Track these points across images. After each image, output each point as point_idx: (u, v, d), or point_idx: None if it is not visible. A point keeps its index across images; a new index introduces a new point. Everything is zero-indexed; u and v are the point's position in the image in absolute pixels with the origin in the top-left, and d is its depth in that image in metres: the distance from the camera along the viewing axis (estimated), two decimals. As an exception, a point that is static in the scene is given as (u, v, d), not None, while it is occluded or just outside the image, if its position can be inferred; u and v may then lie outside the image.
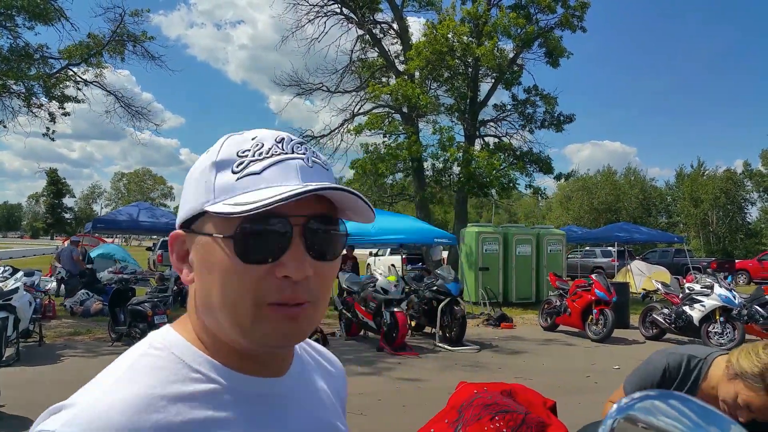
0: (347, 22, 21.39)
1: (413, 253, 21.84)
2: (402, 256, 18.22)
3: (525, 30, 18.01)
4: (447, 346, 9.23)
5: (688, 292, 9.91)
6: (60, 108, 17.29)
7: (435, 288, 9.87)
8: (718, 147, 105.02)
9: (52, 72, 16.51)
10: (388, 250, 23.21)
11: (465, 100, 19.39)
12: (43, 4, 15.08)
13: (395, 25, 21.12)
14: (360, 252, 16.91)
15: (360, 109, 21.84)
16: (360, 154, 20.58)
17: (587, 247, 26.69)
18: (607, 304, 10.14)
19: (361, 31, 21.27)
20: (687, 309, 9.64)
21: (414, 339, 10.02)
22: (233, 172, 0.67)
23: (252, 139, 0.70)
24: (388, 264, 15.96)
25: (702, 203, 46.38)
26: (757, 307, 9.23)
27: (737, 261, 26.33)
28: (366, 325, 9.66)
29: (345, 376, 0.94)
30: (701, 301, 9.50)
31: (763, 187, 46.38)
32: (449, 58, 17.85)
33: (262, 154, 0.68)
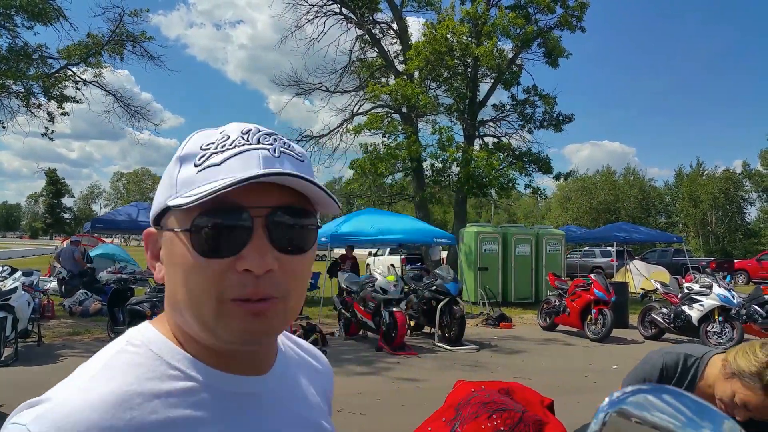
0: (346, 22, 21.40)
1: (412, 253, 21.84)
2: (401, 256, 18.23)
3: (524, 30, 18.01)
4: (446, 346, 9.23)
5: (687, 291, 9.91)
6: (59, 108, 17.27)
7: (434, 288, 9.87)
8: (717, 147, 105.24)
9: (51, 72, 16.49)
10: (387, 250, 23.23)
11: (464, 100, 19.39)
12: (42, 3, 15.06)
13: (394, 25, 21.14)
14: (359, 252, 16.89)
15: (359, 109, 21.87)
16: (359, 154, 20.62)
17: (586, 247, 26.68)
18: (606, 303, 10.14)
19: (360, 31, 21.28)
20: (686, 309, 9.64)
21: (413, 339, 10.02)
22: (195, 165, 0.66)
23: (220, 132, 0.69)
24: (387, 264, 15.95)
25: (701, 203, 46.41)
26: (755, 306, 9.24)
27: (736, 261, 26.33)
28: (365, 325, 9.66)
29: (332, 374, 0.92)
30: (700, 300, 9.50)
31: (762, 187, 46.42)
32: (448, 58, 17.86)
33: (225, 146, 0.66)
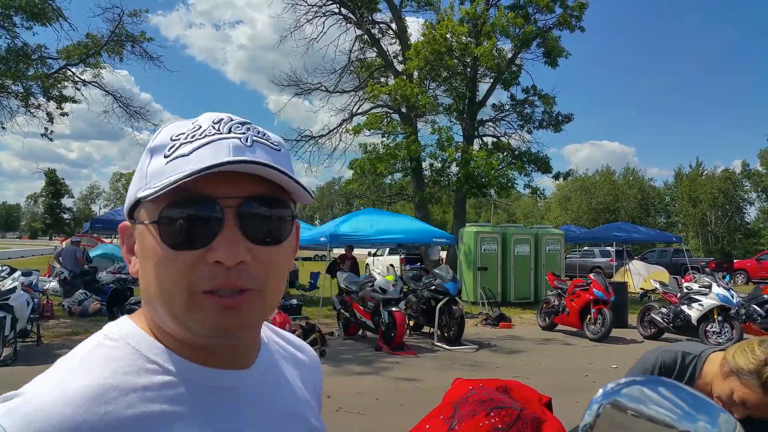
0: (346, 22, 21.40)
1: (412, 253, 21.83)
2: (400, 256, 18.22)
3: (523, 30, 18.01)
4: (445, 346, 9.22)
5: (687, 291, 9.91)
6: (58, 108, 17.27)
7: (433, 287, 9.86)
8: (716, 147, 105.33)
9: (50, 72, 16.49)
10: (386, 250, 23.22)
11: (463, 100, 19.39)
12: (41, 4, 15.06)
13: (394, 25, 21.14)
14: (359, 252, 16.89)
15: (359, 109, 21.87)
16: (359, 154, 20.63)
17: (586, 247, 26.67)
18: (605, 303, 10.13)
19: (359, 31, 21.29)
20: (685, 308, 9.64)
21: (412, 338, 10.01)
22: (165, 157, 0.64)
23: (192, 123, 0.67)
24: (386, 264, 15.95)
25: (700, 203, 46.44)
26: (755, 306, 9.25)
27: (736, 261, 26.33)
28: (364, 325, 9.66)
29: (320, 367, 0.90)
30: (699, 300, 9.49)
31: (761, 187, 46.46)
32: (448, 58, 17.86)
33: (195, 136, 0.64)
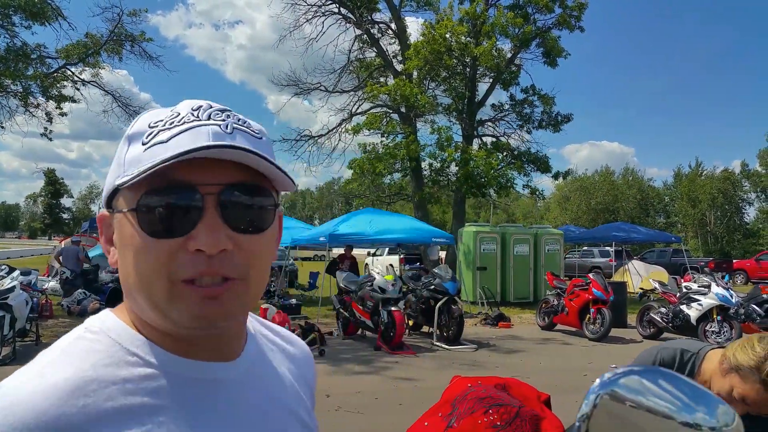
0: (345, 21, 21.41)
1: (411, 253, 21.81)
2: (400, 256, 18.19)
3: (523, 30, 18.03)
4: (444, 345, 9.22)
5: (686, 291, 9.90)
6: (57, 108, 17.27)
7: (432, 287, 9.86)
8: (715, 147, 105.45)
9: (49, 72, 16.49)
10: (386, 249, 23.21)
11: (463, 100, 19.40)
12: (40, 3, 15.06)
13: (393, 25, 21.14)
14: (358, 252, 16.89)
15: (358, 108, 21.89)
16: (358, 153, 20.63)
17: (585, 247, 26.65)
18: (604, 303, 10.13)
19: (359, 31, 21.30)
20: (684, 308, 9.63)
21: (411, 338, 10.01)
22: (143, 144, 0.63)
23: (171, 110, 0.66)
24: (386, 264, 15.94)
25: (700, 203, 46.43)
26: (754, 306, 9.26)
27: (735, 261, 26.32)
28: (363, 325, 9.65)
29: (312, 360, 0.88)
30: (698, 300, 9.49)
31: (760, 187, 46.48)
32: (447, 57, 17.86)
33: (174, 123, 0.64)
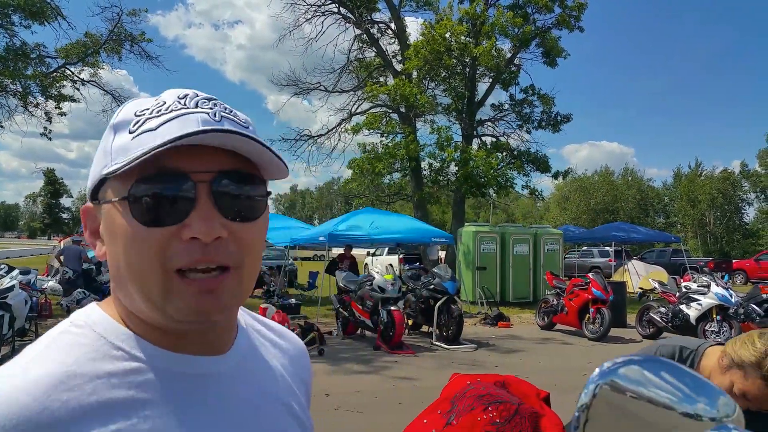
0: (345, 21, 21.42)
1: (411, 253, 21.81)
2: (399, 256, 18.19)
3: (522, 30, 18.02)
4: (444, 345, 9.22)
5: (685, 290, 9.90)
6: (56, 107, 17.28)
7: (432, 287, 9.85)
8: (715, 147, 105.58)
9: (48, 71, 16.50)
10: (385, 249, 23.21)
11: (462, 100, 19.39)
12: (39, 2, 15.07)
13: (393, 24, 21.15)
14: (357, 251, 16.89)
15: (357, 108, 21.89)
16: (358, 153, 20.64)
17: (584, 247, 26.66)
18: (604, 302, 10.13)
19: (358, 31, 21.30)
20: (684, 308, 9.63)
21: (411, 338, 10.01)
22: (130, 132, 0.62)
23: (155, 99, 0.66)
24: (385, 263, 15.92)
25: (699, 203, 46.47)
26: (753, 305, 9.24)
27: (734, 261, 26.32)
28: (363, 324, 9.65)
29: (306, 355, 0.86)
30: (698, 299, 9.48)
31: (760, 187, 46.52)
32: (447, 57, 17.86)
33: (161, 111, 0.63)
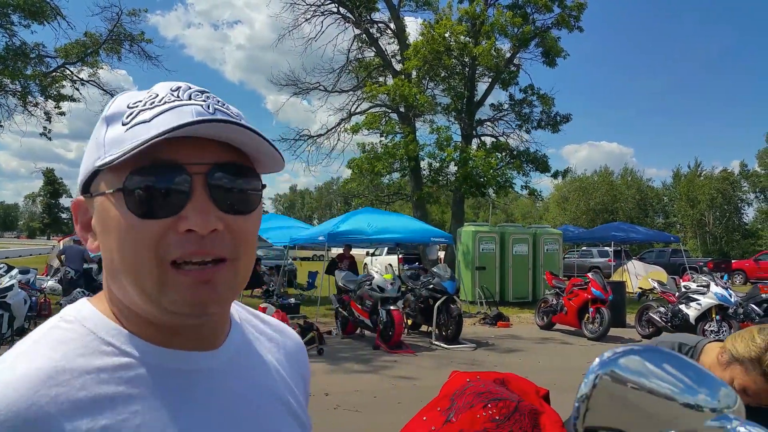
0: (344, 21, 21.41)
1: (410, 253, 21.80)
2: (399, 256, 18.20)
3: (522, 29, 18.01)
4: (443, 345, 9.22)
5: (685, 290, 9.90)
6: (56, 107, 17.28)
7: (431, 286, 9.86)
8: (715, 147, 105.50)
9: (48, 71, 16.50)
10: (385, 249, 23.21)
11: (462, 100, 19.39)
12: (39, 2, 15.06)
13: (392, 24, 21.14)
14: (357, 251, 16.89)
15: (357, 108, 21.87)
16: (357, 153, 20.63)
17: (584, 247, 26.65)
18: (603, 302, 10.12)
19: (358, 31, 21.29)
20: (683, 307, 9.63)
21: (410, 337, 10.00)
22: (123, 124, 0.62)
23: (148, 92, 0.65)
24: (385, 263, 15.93)
25: (699, 204, 46.47)
26: (753, 305, 9.24)
27: (734, 261, 26.33)
28: (362, 324, 9.65)
29: (304, 350, 0.86)
30: (697, 299, 9.48)
31: (759, 187, 46.55)
32: (446, 57, 17.86)
33: (154, 103, 0.63)
